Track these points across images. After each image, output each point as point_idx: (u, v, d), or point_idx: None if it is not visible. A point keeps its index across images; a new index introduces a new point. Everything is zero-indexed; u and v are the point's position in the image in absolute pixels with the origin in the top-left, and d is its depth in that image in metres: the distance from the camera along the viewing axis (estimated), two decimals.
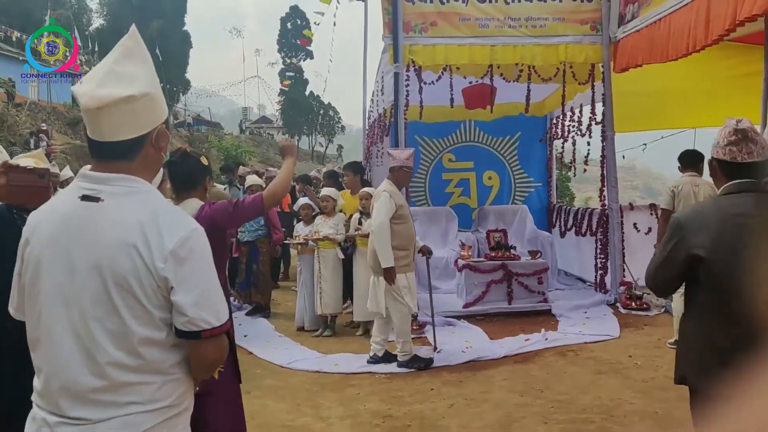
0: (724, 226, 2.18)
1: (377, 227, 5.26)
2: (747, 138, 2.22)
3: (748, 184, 2.23)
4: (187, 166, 2.99)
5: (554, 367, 5.27)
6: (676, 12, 5.69)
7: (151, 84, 1.58)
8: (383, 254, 5.21)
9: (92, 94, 1.50)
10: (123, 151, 1.55)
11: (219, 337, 1.59)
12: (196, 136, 39.85)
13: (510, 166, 9.90)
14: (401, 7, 6.78)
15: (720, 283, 2.17)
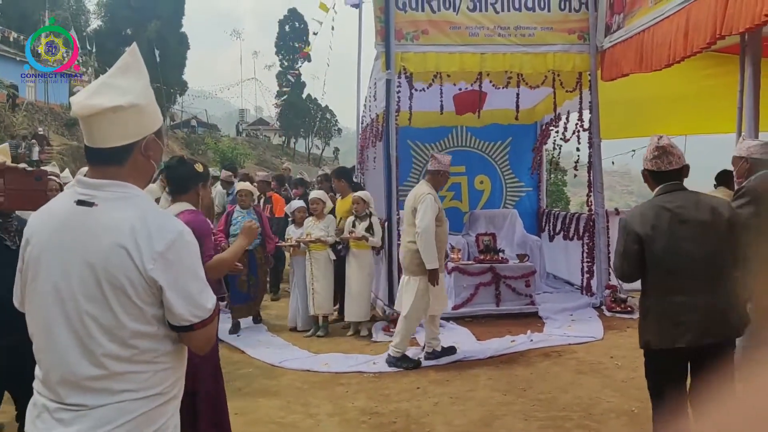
0: (659, 216, 2.85)
1: (424, 229, 5.32)
2: (666, 152, 2.89)
3: (673, 186, 2.92)
4: (180, 172, 3.28)
5: (538, 368, 5.43)
6: (659, 24, 5.86)
7: (141, 96, 1.70)
8: (430, 256, 5.32)
9: (83, 103, 1.63)
10: (113, 157, 1.68)
11: (210, 324, 1.75)
12: (193, 138, 39.93)
13: (501, 170, 10.07)
14: (393, 15, 6.95)
15: (661, 260, 2.83)
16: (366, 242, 6.73)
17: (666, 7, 5.71)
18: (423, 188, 5.59)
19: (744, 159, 3.73)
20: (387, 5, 6.93)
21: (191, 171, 3.28)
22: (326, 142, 52.31)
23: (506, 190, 10.06)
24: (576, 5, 7.23)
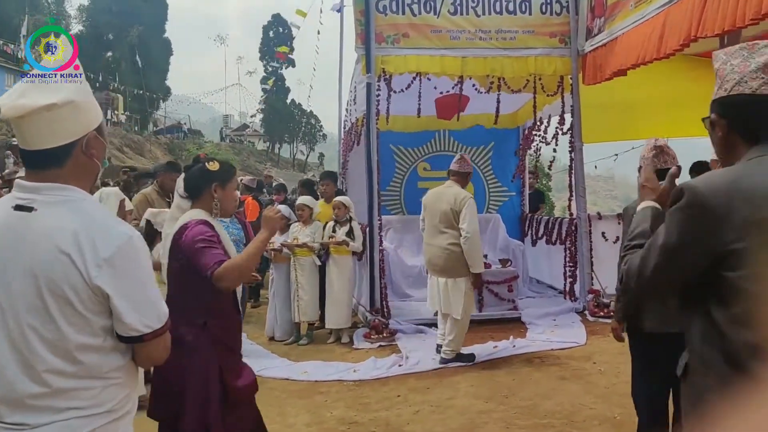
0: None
1: (474, 233, 5.39)
2: (662, 151, 2.90)
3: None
4: (190, 174, 2.88)
5: (520, 374, 5.36)
6: (638, 27, 5.85)
7: (76, 92, 1.61)
8: (477, 259, 5.45)
9: (12, 104, 1.53)
10: (51, 159, 1.57)
11: (162, 336, 1.65)
12: (176, 144, 39.62)
13: (484, 175, 10.02)
14: (373, 18, 6.88)
15: None
16: (346, 247, 6.64)
17: (646, 10, 5.70)
18: (458, 189, 5.61)
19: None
20: (367, 8, 6.87)
21: (201, 170, 2.83)
22: (311, 148, 52.21)
23: (489, 195, 10.02)
24: (557, 9, 7.21)
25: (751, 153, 1.57)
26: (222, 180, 2.83)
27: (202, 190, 2.80)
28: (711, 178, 1.58)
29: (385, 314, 6.95)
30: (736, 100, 1.61)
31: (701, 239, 1.53)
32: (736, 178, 1.52)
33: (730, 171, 1.58)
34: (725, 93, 1.63)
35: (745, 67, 1.59)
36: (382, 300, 7.06)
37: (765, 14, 4.19)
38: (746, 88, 1.58)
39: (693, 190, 1.54)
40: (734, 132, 1.63)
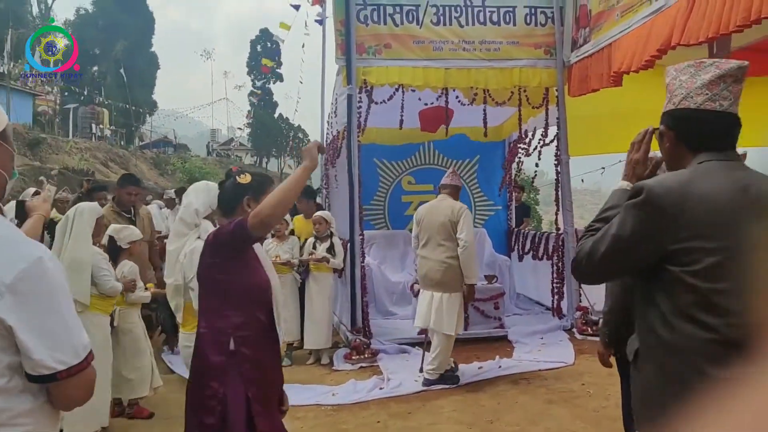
0: None
1: (471, 243, 5.42)
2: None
3: None
4: (223, 190, 2.77)
5: (505, 397, 5.13)
6: (624, 37, 5.71)
7: None
8: (474, 270, 5.49)
9: None
10: None
11: (82, 374, 1.41)
12: (162, 158, 39.25)
13: (470, 189, 9.83)
14: (354, 28, 6.70)
15: None
16: (327, 264, 6.41)
17: (633, 20, 5.56)
18: (452, 201, 5.65)
19: None
20: (347, 18, 6.69)
21: (232, 185, 2.67)
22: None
23: (475, 209, 9.81)
24: (542, 20, 7.06)
25: (699, 158, 1.71)
26: (255, 193, 2.59)
27: (235, 206, 2.60)
28: (666, 180, 1.71)
29: (366, 334, 6.71)
30: (682, 113, 1.75)
31: (653, 236, 1.66)
32: (688, 182, 1.65)
33: (683, 174, 1.70)
34: (673, 106, 1.77)
35: (691, 84, 1.72)
36: (364, 319, 6.83)
37: (753, 21, 4.05)
38: (692, 103, 1.72)
39: (650, 190, 1.65)
40: (681, 142, 1.77)
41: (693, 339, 1.59)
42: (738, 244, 1.57)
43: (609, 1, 6.13)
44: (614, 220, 1.74)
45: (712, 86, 1.70)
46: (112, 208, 5.84)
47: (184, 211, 3.32)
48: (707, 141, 1.72)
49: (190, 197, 3.36)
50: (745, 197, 1.63)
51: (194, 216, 3.29)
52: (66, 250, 4.02)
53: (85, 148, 32.40)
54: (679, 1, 4.81)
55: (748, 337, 1.48)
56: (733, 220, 1.60)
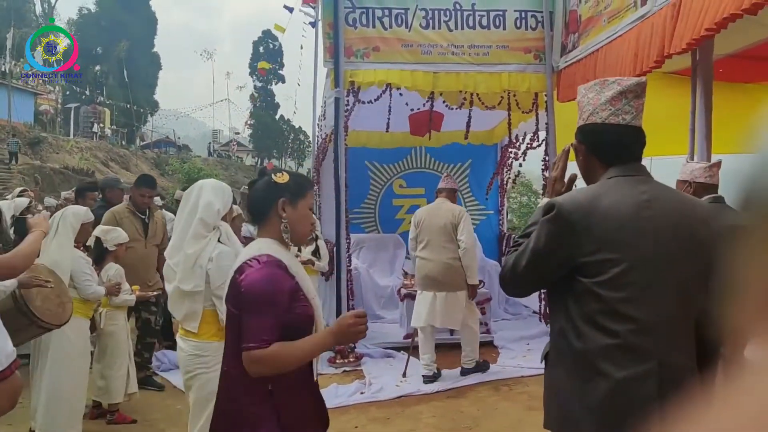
0: None
1: (471, 245, 5.72)
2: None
3: None
4: (254, 191, 2.24)
5: (486, 403, 5.10)
6: (611, 43, 5.68)
7: None
8: (474, 270, 5.82)
9: None
10: None
11: (4, 382, 1.39)
12: (163, 158, 39.33)
13: (461, 193, 9.79)
14: (342, 31, 6.68)
15: None
16: (312, 266, 6.40)
17: (619, 26, 5.53)
18: (452, 205, 5.93)
19: (687, 183, 3.51)
20: (336, 21, 6.67)
21: (266, 185, 2.19)
22: (299, 163, 52.01)
23: None
24: (532, 24, 7.03)
25: (609, 173, 1.84)
26: (292, 195, 2.16)
27: (268, 211, 2.16)
28: (576, 195, 1.84)
29: None
30: (590, 128, 1.88)
31: (563, 249, 1.77)
32: (595, 197, 1.77)
33: (591, 190, 1.84)
34: (583, 122, 1.90)
35: (596, 100, 1.86)
36: None
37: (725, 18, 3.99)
38: (597, 118, 1.85)
39: (560, 206, 1.77)
40: (592, 155, 1.90)
41: (597, 343, 1.71)
42: (640, 255, 1.70)
43: (598, 7, 6.10)
44: (532, 235, 1.85)
45: (614, 102, 1.83)
46: (128, 207, 5.74)
47: (205, 212, 3.10)
48: (614, 153, 1.85)
49: (208, 197, 3.16)
50: (646, 209, 1.75)
51: (216, 217, 3.16)
52: (48, 252, 3.99)
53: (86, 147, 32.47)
54: (664, 8, 4.78)
55: (645, 341, 1.67)
56: (635, 231, 1.72)
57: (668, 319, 1.70)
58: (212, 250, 3.06)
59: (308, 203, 2.23)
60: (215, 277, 3.00)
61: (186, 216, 3.16)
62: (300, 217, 2.17)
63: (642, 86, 1.87)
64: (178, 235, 3.18)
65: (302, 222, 2.19)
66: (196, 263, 3.04)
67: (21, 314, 3.16)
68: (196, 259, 3.04)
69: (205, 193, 3.18)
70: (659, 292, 1.69)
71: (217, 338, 2.98)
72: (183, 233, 3.14)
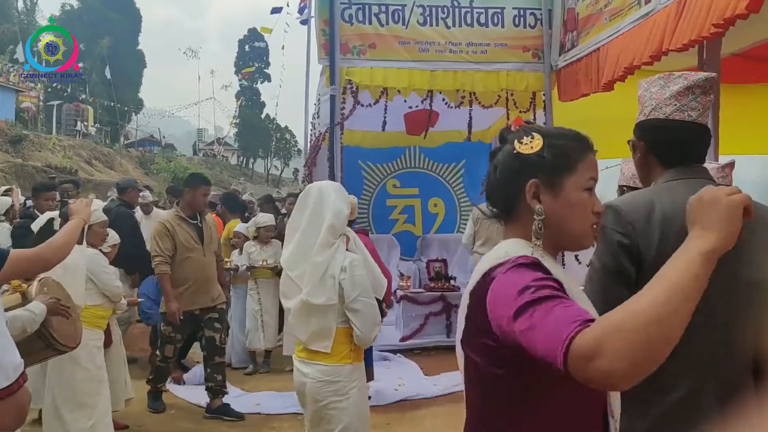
0: None
1: None
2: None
3: None
4: (495, 167, 1.44)
5: None
6: (611, 42, 5.61)
7: None
8: None
9: None
10: None
11: (11, 397, 1.24)
12: (148, 157, 38.88)
13: (456, 193, 9.71)
14: (338, 27, 6.55)
15: None
16: None
17: (621, 24, 5.45)
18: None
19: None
20: (332, 17, 6.54)
21: (506, 158, 1.41)
22: (286, 163, 51.70)
23: (460, 214, 9.69)
24: (531, 21, 6.94)
25: (665, 177, 1.74)
26: (549, 173, 1.36)
27: (515, 199, 1.38)
28: (630, 198, 1.75)
29: None
30: (651, 123, 1.77)
31: (632, 252, 1.66)
32: (650, 203, 1.67)
33: (644, 194, 1.74)
34: (644, 117, 1.79)
35: (660, 95, 1.75)
36: None
37: (728, 20, 3.92)
38: (660, 113, 1.75)
39: (617, 208, 1.70)
40: (650, 154, 1.80)
41: None
42: None
43: (597, 5, 6.02)
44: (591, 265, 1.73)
45: (680, 97, 1.73)
46: (178, 214, 5.12)
47: (336, 218, 2.80)
48: (675, 151, 1.76)
49: (337, 202, 2.85)
50: None
51: (345, 223, 2.89)
52: None
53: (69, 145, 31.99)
54: (668, 6, 4.70)
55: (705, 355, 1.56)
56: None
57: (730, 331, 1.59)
58: (343, 258, 2.77)
59: (580, 183, 1.36)
60: (350, 289, 2.74)
61: (307, 222, 2.83)
62: (569, 207, 1.35)
63: (711, 82, 1.75)
64: (298, 245, 2.83)
65: (574, 215, 1.35)
66: (327, 273, 2.72)
67: (38, 337, 2.86)
68: (327, 269, 2.73)
69: (330, 197, 2.85)
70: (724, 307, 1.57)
71: (350, 360, 2.77)
72: (305, 241, 2.80)
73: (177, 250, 4.95)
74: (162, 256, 4.86)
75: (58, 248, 2.64)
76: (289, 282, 2.82)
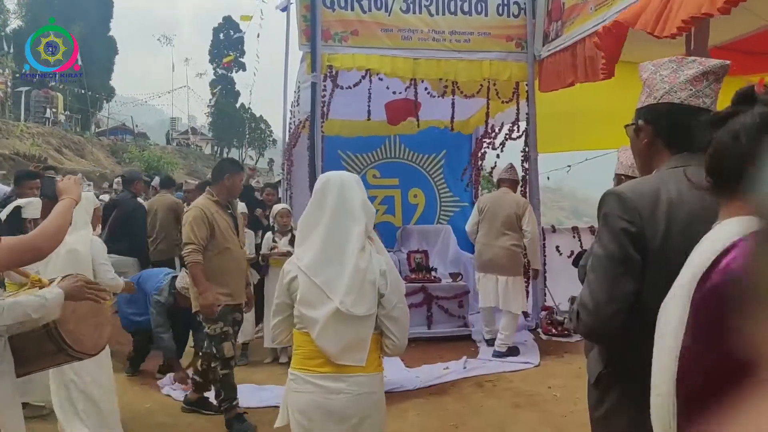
0: None
1: (535, 235, 6.30)
2: None
3: None
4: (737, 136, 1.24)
5: (471, 400, 4.95)
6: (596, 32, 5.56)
7: None
8: (539, 257, 6.59)
9: None
10: None
11: None
12: (120, 146, 38.15)
13: (436, 184, 9.64)
14: (320, 12, 6.41)
15: None
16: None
17: (608, 13, 5.40)
18: (516, 195, 6.45)
19: None
20: (313, 2, 6.40)
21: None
22: (260, 153, 51.16)
23: (440, 205, 9.64)
24: (515, 11, 6.87)
25: (670, 163, 1.68)
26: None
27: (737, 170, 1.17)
28: (635, 185, 1.67)
29: None
30: (665, 108, 1.69)
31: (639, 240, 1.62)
32: (655, 189, 1.61)
33: (648, 180, 1.68)
34: (654, 101, 1.71)
35: (674, 78, 1.68)
36: None
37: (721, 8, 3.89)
38: (675, 98, 1.67)
39: (621, 193, 1.65)
40: (658, 139, 1.72)
41: None
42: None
43: None
44: (594, 253, 1.67)
45: (696, 82, 1.66)
46: (212, 199, 4.52)
47: (370, 218, 2.49)
48: (687, 138, 1.67)
49: (364, 199, 2.50)
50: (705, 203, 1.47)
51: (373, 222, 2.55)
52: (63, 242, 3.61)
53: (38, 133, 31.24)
54: None
55: None
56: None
57: None
58: (378, 262, 2.42)
59: None
60: (391, 296, 2.40)
61: (331, 220, 2.42)
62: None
63: (725, 70, 1.69)
64: (322, 247, 2.40)
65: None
66: (366, 279, 2.38)
67: (48, 339, 2.51)
68: (365, 274, 2.38)
69: (355, 191, 2.47)
70: None
71: (381, 369, 2.49)
72: (331, 242, 2.40)
73: (216, 240, 4.42)
74: (196, 245, 4.32)
75: (51, 235, 2.34)
76: (314, 289, 2.38)
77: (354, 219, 2.41)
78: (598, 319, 1.62)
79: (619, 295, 1.59)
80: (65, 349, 2.54)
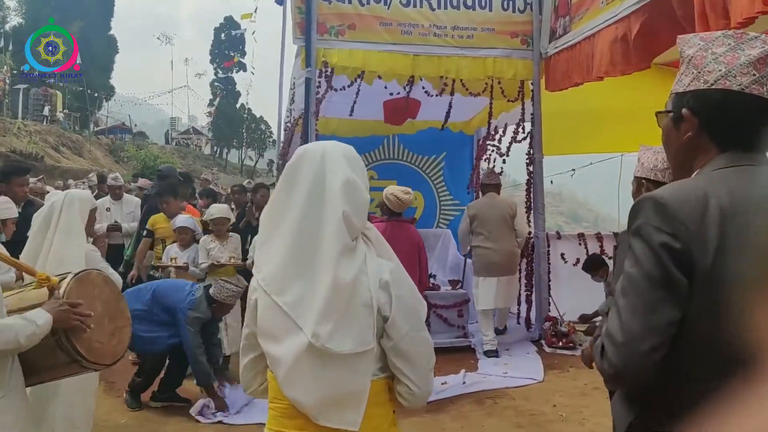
0: None
1: (525, 233, 6.56)
2: None
3: None
4: None
5: (470, 419, 4.61)
6: (604, 30, 5.25)
7: None
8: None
9: None
10: None
11: None
12: (118, 145, 37.89)
13: (435, 186, 9.32)
14: (316, 5, 6.09)
15: None
16: None
17: (620, 8, 5.08)
18: (505, 198, 6.71)
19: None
20: None
21: None
22: (260, 154, 50.88)
23: (440, 208, 9.31)
24: (521, 5, 6.55)
25: (716, 163, 1.34)
26: None
27: None
28: (677, 188, 1.33)
29: None
30: (720, 95, 1.33)
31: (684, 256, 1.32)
32: (702, 196, 1.27)
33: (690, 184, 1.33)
34: (705, 86, 1.34)
35: (733, 59, 1.32)
36: None
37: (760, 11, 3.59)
38: (734, 84, 1.31)
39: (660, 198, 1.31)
40: (704, 133, 1.37)
41: None
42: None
43: None
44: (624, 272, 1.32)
45: (759, 66, 1.30)
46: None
47: (354, 206, 1.63)
48: (743, 134, 1.34)
49: (350, 178, 1.65)
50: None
51: (366, 213, 1.72)
52: (52, 246, 3.27)
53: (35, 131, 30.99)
54: None
55: None
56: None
57: None
58: (376, 269, 1.61)
59: None
60: (399, 320, 1.60)
61: (302, 213, 1.62)
62: None
63: None
64: (290, 252, 1.61)
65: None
66: (355, 298, 1.56)
67: (59, 348, 2.30)
68: (354, 291, 1.56)
69: (339, 168, 1.66)
70: None
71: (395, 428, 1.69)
72: (302, 246, 1.60)
73: None
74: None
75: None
76: (278, 315, 1.58)
77: (331, 206, 1.60)
78: (631, 356, 1.25)
79: (658, 325, 1.24)
80: (79, 360, 2.34)
